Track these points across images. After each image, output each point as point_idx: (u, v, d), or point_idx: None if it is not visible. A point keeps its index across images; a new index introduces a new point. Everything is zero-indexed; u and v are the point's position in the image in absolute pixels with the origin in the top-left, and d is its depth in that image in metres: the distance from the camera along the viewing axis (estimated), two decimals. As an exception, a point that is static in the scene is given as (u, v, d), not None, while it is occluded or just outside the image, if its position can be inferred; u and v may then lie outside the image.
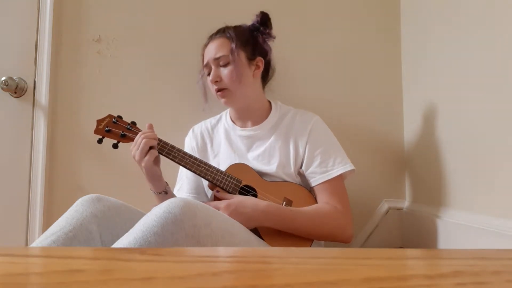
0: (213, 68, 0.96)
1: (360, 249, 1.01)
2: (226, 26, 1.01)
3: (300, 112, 1.04)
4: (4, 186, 1.15)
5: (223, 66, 0.95)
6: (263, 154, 0.98)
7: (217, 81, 0.95)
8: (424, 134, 1.17)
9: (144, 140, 0.85)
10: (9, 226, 1.14)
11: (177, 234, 0.63)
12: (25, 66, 1.17)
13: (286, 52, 1.23)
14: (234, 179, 0.92)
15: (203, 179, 0.96)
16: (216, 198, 0.91)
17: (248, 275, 0.29)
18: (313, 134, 0.98)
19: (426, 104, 1.15)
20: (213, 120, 1.11)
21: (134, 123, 0.93)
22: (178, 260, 0.33)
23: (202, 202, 0.76)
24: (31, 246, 0.88)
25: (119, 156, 1.15)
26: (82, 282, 0.26)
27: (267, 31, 1.02)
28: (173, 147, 0.90)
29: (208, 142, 1.06)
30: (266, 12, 1.01)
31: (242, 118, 1.04)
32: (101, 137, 0.90)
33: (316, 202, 0.94)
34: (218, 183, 0.90)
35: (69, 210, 0.77)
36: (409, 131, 1.27)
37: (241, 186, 0.92)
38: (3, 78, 1.12)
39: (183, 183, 1.04)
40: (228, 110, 1.09)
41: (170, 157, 0.89)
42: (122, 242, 0.63)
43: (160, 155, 0.89)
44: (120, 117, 0.92)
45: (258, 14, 1.01)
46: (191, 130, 1.11)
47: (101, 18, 1.22)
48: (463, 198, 0.98)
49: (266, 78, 1.08)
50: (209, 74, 0.98)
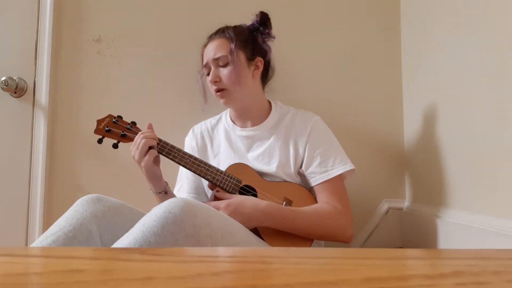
0: (212, 68, 0.96)
1: (360, 249, 1.01)
2: (225, 26, 1.01)
3: (300, 112, 1.04)
4: (4, 186, 1.15)
5: (223, 66, 0.95)
6: (263, 154, 0.98)
7: (216, 81, 0.95)
8: (424, 134, 1.17)
9: (143, 140, 0.85)
10: (9, 226, 1.14)
11: (177, 234, 0.63)
12: (25, 66, 1.17)
13: (286, 52, 1.22)
14: (234, 179, 0.92)
15: (203, 179, 0.96)
16: (216, 198, 0.91)
17: (248, 275, 0.29)
18: (313, 134, 0.98)
19: (426, 104, 1.15)
20: (213, 120, 1.11)
21: (134, 123, 0.93)
22: (178, 260, 0.33)
23: (202, 202, 0.76)
24: (31, 246, 0.88)
25: (119, 156, 1.15)
26: (82, 282, 0.26)
27: (267, 31, 1.01)
28: (173, 147, 0.90)
29: (208, 142, 1.06)
30: (266, 12, 1.01)
31: (242, 118, 1.04)
32: (101, 137, 0.90)
33: (316, 202, 0.94)
34: (218, 183, 0.90)
35: (69, 210, 0.77)
36: (409, 131, 1.27)
37: (241, 186, 0.92)
38: (3, 78, 1.12)
39: (183, 183, 1.04)
40: (228, 110, 1.09)
41: (170, 157, 0.89)
42: (122, 242, 0.64)
43: (160, 155, 0.90)
44: (120, 117, 0.92)
45: (257, 14, 1.01)
46: (191, 130, 1.11)
47: (101, 18, 1.22)
48: (463, 198, 0.98)
49: (266, 78, 1.08)
50: (208, 74, 0.98)
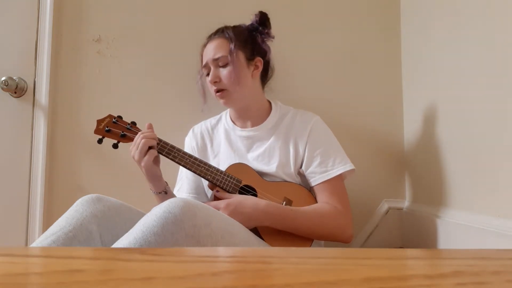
0: (212, 68, 0.96)
1: (360, 249, 1.01)
2: (224, 26, 1.01)
3: (300, 112, 1.03)
4: (4, 186, 1.15)
5: (222, 66, 0.95)
6: (263, 154, 0.98)
7: (216, 81, 0.95)
8: (424, 134, 1.17)
9: (143, 140, 0.85)
10: (9, 226, 1.14)
11: (177, 234, 0.63)
12: (25, 66, 1.17)
13: (286, 52, 1.23)
14: (234, 179, 0.92)
15: (203, 179, 0.96)
16: (216, 198, 0.91)
17: (248, 275, 0.29)
18: (313, 134, 0.98)
19: (426, 104, 1.15)
20: (213, 120, 1.11)
21: (134, 123, 0.93)
22: (178, 260, 0.33)
23: (202, 202, 0.76)
24: (31, 246, 0.88)
25: (119, 156, 1.15)
26: (82, 282, 0.26)
27: (266, 31, 1.01)
28: (173, 147, 0.90)
29: (208, 142, 1.06)
30: (265, 12, 1.01)
31: (241, 118, 1.04)
32: (101, 137, 0.90)
33: (316, 202, 0.94)
34: (218, 183, 0.90)
35: (69, 210, 0.77)
36: (409, 131, 1.27)
37: (241, 186, 0.92)
38: (3, 78, 1.12)
39: (183, 183, 1.04)
40: (228, 110, 1.09)
41: (170, 157, 0.89)
42: (122, 242, 0.64)
43: (160, 155, 0.90)
44: (120, 117, 0.92)
45: (256, 14, 1.01)
46: (191, 130, 1.11)
47: (101, 18, 1.22)
48: (463, 198, 0.98)
49: (265, 78, 1.08)
50: (208, 74, 0.98)
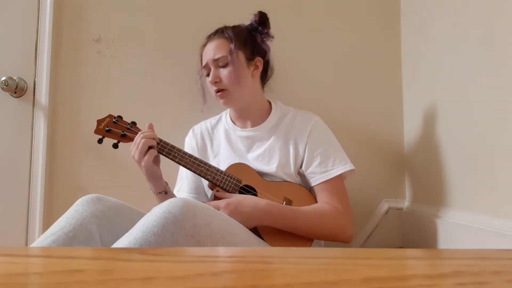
0: (212, 69, 0.96)
1: (360, 249, 1.01)
2: (224, 26, 1.01)
3: (300, 112, 1.03)
4: (4, 186, 1.15)
5: (222, 67, 0.95)
6: (263, 155, 0.98)
7: (216, 82, 0.95)
8: (424, 134, 1.17)
9: (143, 140, 0.85)
10: (9, 226, 1.14)
11: (177, 234, 0.63)
12: (25, 66, 1.17)
13: (286, 52, 1.23)
14: (234, 179, 0.92)
15: (203, 179, 0.96)
16: (216, 198, 0.91)
17: (248, 275, 0.29)
18: (313, 134, 0.98)
19: (426, 104, 1.15)
20: (213, 120, 1.11)
21: (134, 123, 0.93)
22: (178, 260, 0.33)
23: (202, 202, 0.76)
24: (31, 246, 0.88)
25: (119, 156, 1.15)
26: (82, 282, 0.26)
27: (266, 31, 1.01)
28: (173, 147, 0.90)
29: (208, 142, 1.06)
30: (265, 11, 1.01)
31: (242, 118, 1.04)
32: (101, 137, 0.90)
33: (316, 202, 0.94)
34: (218, 183, 0.90)
35: (69, 210, 0.77)
36: (409, 131, 1.27)
37: (241, 186, 0.92)
38: (3, 78, 1.12)
39: (183, 183, 1.04)
40: (228, 110, 1.09)
41: (170, 157, 0.89)
42: (122, 242, 0.63)
43: (160, 155, 0.90)
44: (120, 117, 0.92)
45: (256, 14, 1.01)
46: (191, 130, 1.11)
47: (101, 18, 1.22)
48: (463, 198, 0.98)
49: (265, 78, 1.08)
50: (208, 75, 0.98)
